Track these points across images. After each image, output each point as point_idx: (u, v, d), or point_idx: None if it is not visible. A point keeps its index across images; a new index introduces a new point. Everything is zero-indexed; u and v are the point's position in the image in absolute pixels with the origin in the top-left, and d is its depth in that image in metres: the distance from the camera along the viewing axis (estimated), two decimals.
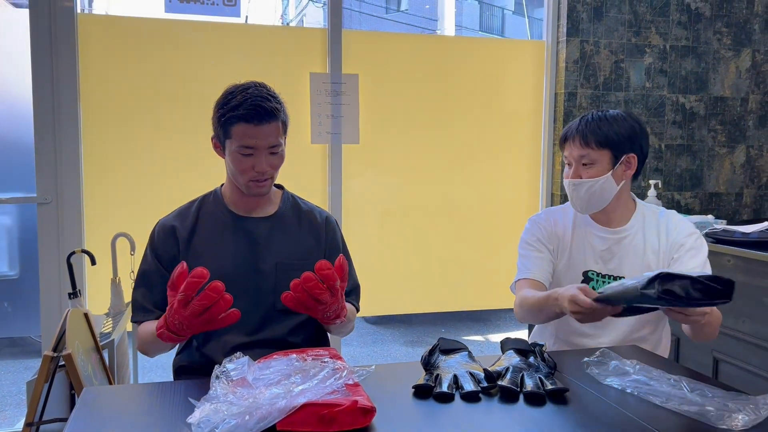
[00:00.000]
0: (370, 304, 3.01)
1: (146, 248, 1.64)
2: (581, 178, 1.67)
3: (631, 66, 3.11)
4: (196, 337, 1.65)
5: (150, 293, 1.59)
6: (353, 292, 1.73)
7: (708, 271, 1.64)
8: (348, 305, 1.60)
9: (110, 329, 2.22)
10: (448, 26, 14.52)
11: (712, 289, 1.11)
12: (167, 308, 1.34)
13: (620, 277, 1.70)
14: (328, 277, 1.33)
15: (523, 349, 1.39)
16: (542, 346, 1.41)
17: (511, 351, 1.38)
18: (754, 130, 3.32)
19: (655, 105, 3.16)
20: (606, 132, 1.64)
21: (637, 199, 1.79)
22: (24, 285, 3.75)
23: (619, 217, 1.74)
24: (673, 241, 1.69)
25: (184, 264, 1.30)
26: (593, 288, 1.71)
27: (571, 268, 1.76)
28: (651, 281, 1.13)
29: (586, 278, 1.74)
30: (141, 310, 1.59)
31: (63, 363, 1.70)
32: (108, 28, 2.63)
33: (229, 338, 1.58)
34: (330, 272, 1.33)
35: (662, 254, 1.70)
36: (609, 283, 1.70)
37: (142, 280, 1.62)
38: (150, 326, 1.52)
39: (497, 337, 1.46)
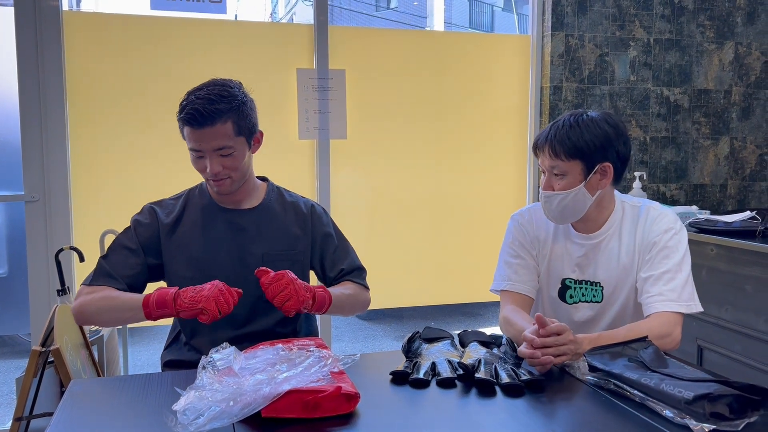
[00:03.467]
0: None
1: (129, 226, 1.63)
2: (553, 190, 1.59)
3: (615, 59, 3.14)
4: (184, 331, 1.66)
5: (119, 265, 1.56)
6: (355, 272, 1.72)
7: (684, 269, 1.55)
8: (337, 292, 1.59)
9: (100, 327, 2.22)
10: (437, 23, 14.56)
11: (753, 401, 1.08)
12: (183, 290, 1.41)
13: (596, 283, 1.65)
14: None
15: (486, 341, 1.42)
16: (501, 338, 1.43)
17: (475, 343, 1.40)
18: (738, 122, 3.36)
19: (639, 98, 3.20)
20: (575, 142, 1.53)
21: (618, 196, 1.68)
22: (13, 283, 3.74)
23: (597, 223, 1.65)
24: (647, 239, 1.59)
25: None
26: (570, 295, 1.68)
27: (551, 275, 1.71)
28: (698, 398, 1.07)
29: (564, 286, 1.69)
30: (107, 276, 1.55)
31: (52, 359, 1.71)
32: (94, 25, 2.63)
33: (217, 333, 1.60)
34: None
35: (637, 253, 1.61)
36: (586, 288, 1.66)
37: (116, 252, 1.59)
38: (119, 294, 1.50)
39: (487, 331, 1.49)
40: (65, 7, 2.59)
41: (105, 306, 1.48)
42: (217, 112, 1.48)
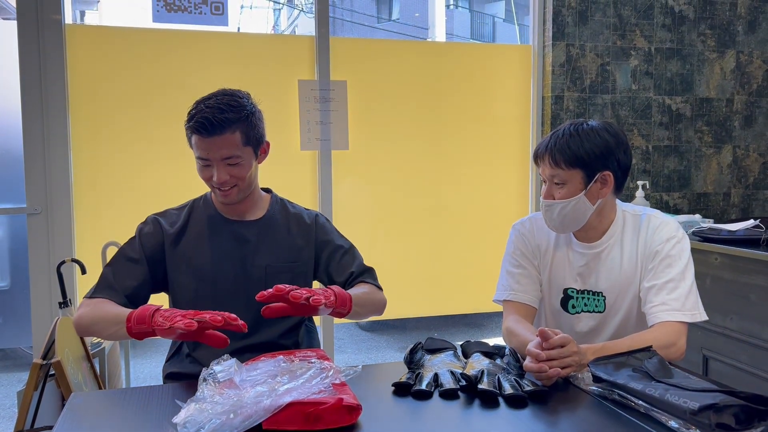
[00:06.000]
0: None
1: (133, 236, 1.63)
2: (554, 199, 1.58)
3: (616, 68, 3.14)
4: (186, 343, 1.65)
5: (121, 276, 1.56)
6: (366, 273, 1.70)
7: (688, 277, 1.55)
8: (356, 293, 1.55)
9: (101, 339, 2.22)
10: (439, 34, 14.60)
11: (759, 411, 1.07)
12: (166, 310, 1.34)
13: (598, 292, 1.64)
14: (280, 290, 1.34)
15: (489, 352, 1.41)
16: (504, 348, 1.42)
17: (478, 354, 1.39)
18: (740, 130, 3.35)
19: (641, 107, 3.19)
20: (575, 151, 1.53)
21: (620, 204, 1.68)
22: (15, 296, 3.74)
23: (598, 232, 1.64)
24: (649, 248, 1.59)
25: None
26: (573, 305, 1.67)
27: (553, 284, 1.70)
28: (704, 408, 1.06)
29: (566, 296, 1.68)
30: (106, 287, 1.54)
31: (53, 372, 1.70)
32: (96, 38, 2.64)
33: None
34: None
35: (639, 262, 1.60)
36: (588, 298, 1.65)
37: (119, 262, 1.58)
38: (113, 308, 1.47)
39: (491, 341, 1.48)
40: (68, 20, 2.60)
41: (98, 318, 1.46)
42: (226, 122, 1.49)
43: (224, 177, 1.52)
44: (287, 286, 1.36)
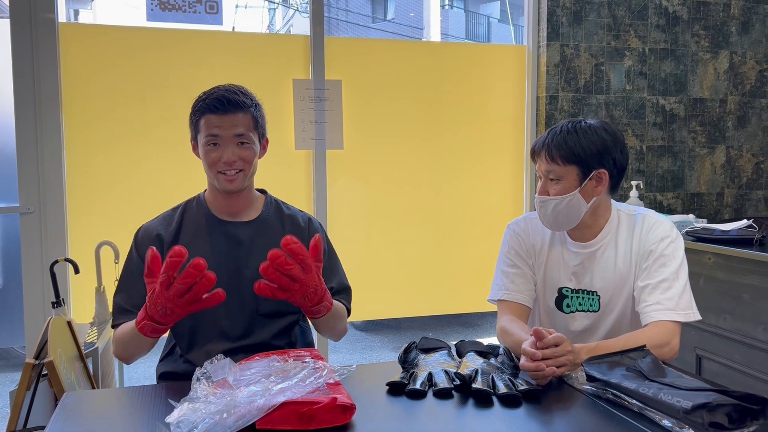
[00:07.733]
0: (358, 309, 2.99)
1: (130, 251, 1.63)
2: (548, 195, 1.59)
3: (611, 69, 3.15)
4: (179, 344, 1.65)
5: (131, 295, 1.58)
6: (343, 292, 1.70)
7: (681, 277, 1.55)
8: (336, 302, 1.57)
9: (95, 338, 2.21)
10: (434, 35, 14.62)
11: (752, 410, 1.07)
12: (147, 296, 1.32)
13: (593, 292, 1.64)
14: (296, 252, 1.29)
15: (483, 351, 1.41)
16: (498, 348, 1.43)
17: (472, 353, 1.40)
18: (734, 130, 3.37)
19: (635, 107, 3.20)
20: (572, 147, 1.54)
21: (614, 204, 1.68)
22: (8, 295, 3.72)
23: (592, 231, 1.65)
24: (643, 247, 1.59)
25: (154, 249, 1.30)
26: (567, 304, 1.68)
27: (548, 284, 1.70)
28: (697, 408, 1.06)
29: (561, 295, 1.68)
30: (121, 313, 1.57)
31: (46, 372, 1.69)
32: (90, 37, 2.63)
33: (213, 345, 1.58)
34: (296, 246, 1.29)
35: (633, 262, 1.61)
36: (582, 297, 1.65)
37: (124, 283, 1.61)
38: (127, 326, 1.51)
39: (485, 341, 1.49)
40: (62, 19, 2.59)
41: (122, 340, 1.52)
42: (241, 102, 1.56)
43: (233, 157, 1.54)
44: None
